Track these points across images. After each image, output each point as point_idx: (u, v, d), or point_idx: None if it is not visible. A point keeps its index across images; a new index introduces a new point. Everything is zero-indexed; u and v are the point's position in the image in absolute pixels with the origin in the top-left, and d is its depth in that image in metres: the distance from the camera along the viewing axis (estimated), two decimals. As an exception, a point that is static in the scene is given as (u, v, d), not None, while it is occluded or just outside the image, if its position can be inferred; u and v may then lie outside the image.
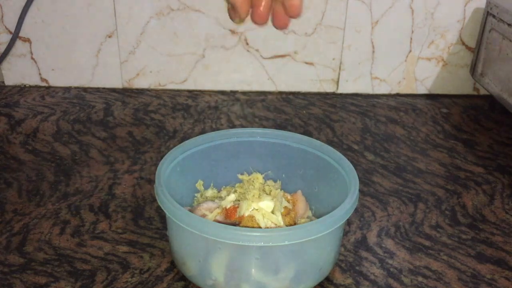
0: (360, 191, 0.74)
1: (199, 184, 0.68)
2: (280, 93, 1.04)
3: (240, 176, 0.68)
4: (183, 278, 0.59)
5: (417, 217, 0.70)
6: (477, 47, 0.96)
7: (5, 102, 0.98)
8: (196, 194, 0.68)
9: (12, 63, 1.01)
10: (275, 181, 0.69)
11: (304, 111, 0.97)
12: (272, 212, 0.60)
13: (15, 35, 0.98)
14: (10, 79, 1.03)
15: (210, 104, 0.99)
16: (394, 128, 0.93)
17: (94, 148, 0.83)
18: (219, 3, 0.96)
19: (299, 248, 0.54)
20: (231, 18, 0.49)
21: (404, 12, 0.98)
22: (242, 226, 0.58)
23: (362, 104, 1.01)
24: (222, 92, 1.04)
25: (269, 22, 0.49)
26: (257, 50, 1.00)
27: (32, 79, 1.03)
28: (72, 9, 0.97)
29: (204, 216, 0.61)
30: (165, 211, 0.55)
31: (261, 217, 0.59)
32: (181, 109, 0.97)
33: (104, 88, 1.04)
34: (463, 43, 1.02)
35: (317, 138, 0.80)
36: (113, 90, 1.04)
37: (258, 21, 0.49)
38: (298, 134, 0.68)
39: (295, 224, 0.62)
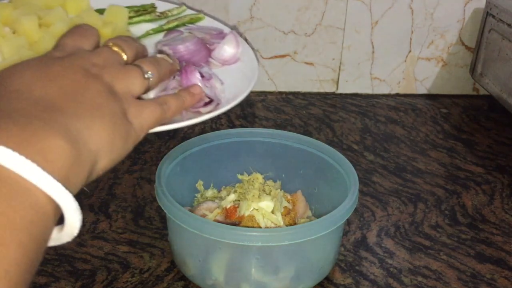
0: (360, 191, 0.74)
1: (199, 184, 0.68)
2: (280, 93, 1.04)
3: (240, 176, 0.68)
4: (183, 277, 0.59)
5: (417, 217, 0.70)
6: (477, 47, 0.96)
7: (5, 102, 0.98)
8: (196, 194, 0.68)
9: (12, 63, 1.01)
10: (275, 181, 0.69)
11: (304, 111, 0.97)
12: (272, 212, 0.60)
13: (15, 35, 0.98)
14: (10, 79, 1.03)
15: (210, 104, 0.99)
16: (394, 128, 0.93)
17: (94, 148, 0.83)
18: (219, 3, 0.96)
19: (299, 248, 0.55)
20: None
21: (404, 12, 0.98)
22: (242, 226, 0.58)
23: (362, 104, 1.01)
24: (222, 92, 1.04)
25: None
26: (257, 50, 1.00)
27: (32, 79, 1.03)
28: (72, 9, 0.97)
29: (204, 216, 0.61)
30: (165, 211, 0.56)
31: (261, 217, 0.59)
32: (181, 109, 0.97)
33: (104, 88, 1.04)
34: (463, 43, 1.02)
35: (317, 138, 0.80)
36: (113, 90, 1.04)
37: None
38: (298, 134, 0.68)
39: (295, 224, 0.62)
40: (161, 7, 0.64)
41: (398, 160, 0.83)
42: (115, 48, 0.41)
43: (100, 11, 0.60)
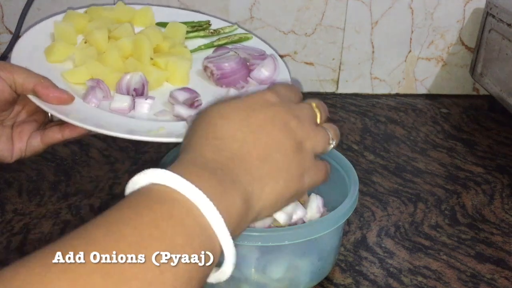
0: (360, 191, 0.74)
1: (199, 184, 0.68)
2: (280, 93, 1.04)
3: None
4: (183, 278, 0.59)
5: (417, 217, 0.71)
6: (477, 47, 0.96)
7: (5, 102, 0.98)
8: (196, 194, 0.68)
9: (12, 63, 1.01)
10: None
11: (304, 111, 0.97)
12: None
13: (16, 36, 0.98)
14: (10, 79, 1.03)
15: (210, 104, 0.99)
16: (394, 128, 0.93)
17: (95, 148, 0.83)
18: (219, 3, 0.96)
19: (299, 248, 0.55)
20: None
21: (404, 12, 0.98)
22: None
23: (362, 104, 1.01)
24: (222, 92, 1.04)
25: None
26: (257, 50, 1.00)
27: (32, 79, 1.03)
28: (72, 9, 0.97)
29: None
30: (165, 211, 0.55)
31: None
32: (181, 109, 0.97)
33: (104, 88, 1.04)
34: (463, 43, 1.02)
35: (317, 138, 0.80)
36: (113, 90, 1.04)
37: None
38: (298, 134, 0.68)
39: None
40: (215, 24, 0.72)
41: (398, 160, 0.83)
42: (315, 108, 0.47)
43: (162, 24, 0.70)
